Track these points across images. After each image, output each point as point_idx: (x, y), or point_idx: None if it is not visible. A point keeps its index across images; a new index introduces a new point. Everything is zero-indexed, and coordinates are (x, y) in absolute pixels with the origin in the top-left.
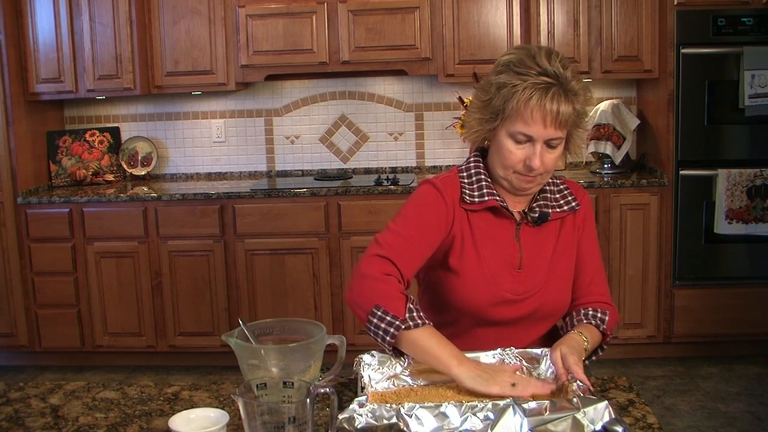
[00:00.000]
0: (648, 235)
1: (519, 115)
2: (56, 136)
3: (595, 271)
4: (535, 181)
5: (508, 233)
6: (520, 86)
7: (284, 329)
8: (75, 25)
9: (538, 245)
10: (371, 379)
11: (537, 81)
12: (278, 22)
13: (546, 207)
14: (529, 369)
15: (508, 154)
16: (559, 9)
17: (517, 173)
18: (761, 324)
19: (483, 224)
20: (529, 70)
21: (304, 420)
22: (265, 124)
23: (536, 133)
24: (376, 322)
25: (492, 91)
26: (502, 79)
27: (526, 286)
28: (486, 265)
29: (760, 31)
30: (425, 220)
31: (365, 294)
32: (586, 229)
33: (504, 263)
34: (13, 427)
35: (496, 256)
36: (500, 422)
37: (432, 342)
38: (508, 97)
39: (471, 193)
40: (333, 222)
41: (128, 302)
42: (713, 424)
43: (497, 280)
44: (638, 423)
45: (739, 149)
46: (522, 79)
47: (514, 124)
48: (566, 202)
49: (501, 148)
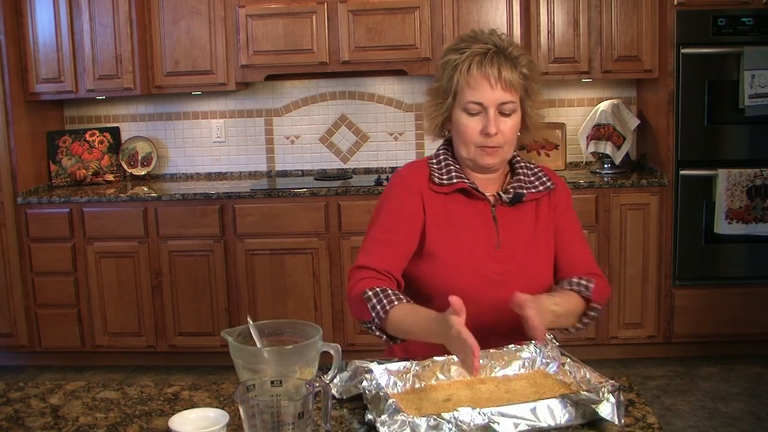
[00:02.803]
0: (648, 235)
1: (466, 86)
2: (56, 136)
3: (579, 247)
4: (496, 154)
5: (484, 214)
6: (461, 59)
7: (294, 331)
8: (75, 25)
9: (516, 225)
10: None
11: (475, 50)
12: (278, 22)
13: (520, 188)
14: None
15: (465, 129)
16: (559, 9)
17: (478, 148)
18: (761, 324)
19: (457, 207)
20: (469, 45)
21: (306, 417)
22: (265, 124)
23: (485, 98)
24: (371, 333)
25: (440, 75)
26: (446, 59)
27: (507, 265)
28: (464, 245)
29: (760, 31)
30: (398, 215)
31: (355, 314)
32: (563, 209)
33: (482, 243)
34: (13, 427)
35: (473, 236)
36: None
37: (406, 326)
38: (452, 73)
39: (440, 176)
40: (333, 222)
41: (128, 302)
42: (713, 424)
43: (476, 259)
44: (638, 423)
45: (739, 149)
46: (462, 53)
47: (463, 96)
48: (541, 183)
49: (458, 125)
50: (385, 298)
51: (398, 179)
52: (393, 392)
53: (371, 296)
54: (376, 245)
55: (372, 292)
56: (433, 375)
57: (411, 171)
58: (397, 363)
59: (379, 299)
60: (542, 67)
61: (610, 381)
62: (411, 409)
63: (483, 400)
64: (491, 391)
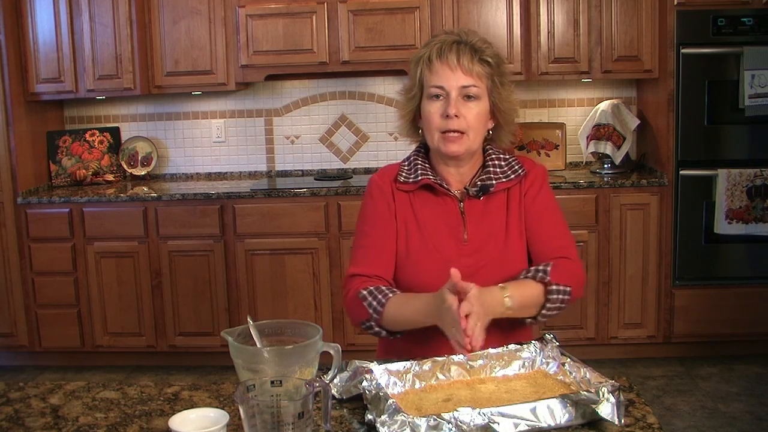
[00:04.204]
0: (648, 235)
1: (429, 73)
2: (56, 136)
3: (551, 230)
4: (460, 141)
5: (451, 209)
6: (425, 52)
7: (294, 331)
8: (75, 25)
9: (486, 218)
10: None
11: (437, 41)
12: (278, 22)
13: (489, 180)
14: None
15: (429, 115)
16: (559, 9)
17: (441, 135)
18: (761, 324)
19: (424, 204)
20: (433, 39)
21: (306, 417)
22: (265, 124)
23: (445, 81)
24: (370, 332)
25: (411, 73)
26: (414, 56)
27: (476, 258)
28: (430, 240)
29: (760, 31)
30: (373, 219)
31: (354, 318)
32: (534, 193)
33: (449, 238)
34: (13, 427)
35: (440, 231)
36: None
37: (403, 313)
38: (417, 66)
39: (407, 175)
40: (333, 222)
41: (128, 302)
42: (713, 424)
43: (443, 255)
44: (638, 423)
45: (739, 149)
46: (427, 47)
47: (428, 84)
48: (513, 171)
49: (423, 113)
50: (379, 293)
51: (370, 183)
52: (393, 392)
53: (366, 295)
54: (360, 253)
55: (366, 291)
56: (433, 375)
57: (382, 174)
58: (397, 363)
59: (374, 296)
60: (542, 67)
61: (610, 381)
62: (411, 409)
63: (483, 400)
64: (491, 391)
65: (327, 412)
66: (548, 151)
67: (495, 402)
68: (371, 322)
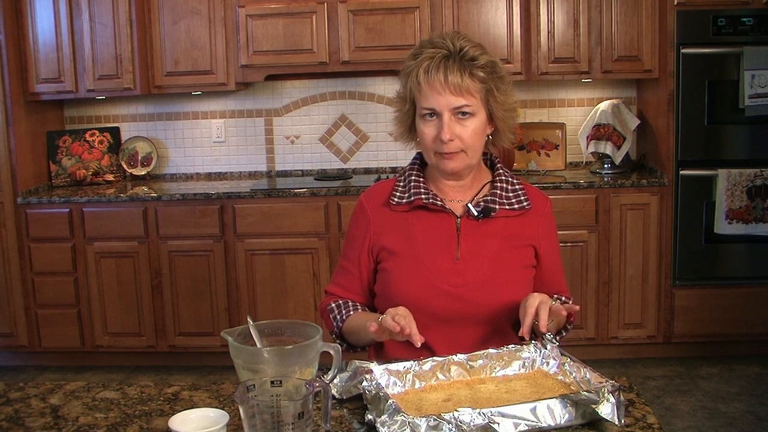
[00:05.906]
0: (648, 235)
1: (418, 93)
2: (56, 136)
3: (556, 267)
4: (457, 159)
5: (447, 227)
6: (414, 66)
7: (294, 331)
8: (75, 25)
9: (482, 239)
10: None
11: (425, 56)
12: (278, 22)
13: (493, 203)
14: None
15: (423, 136)
16: (559, 9)
17: (437, 154)
18: (761, 324)
19: (419, 221)
20: (423, 51)
21: (306, 417)
22: (265, 124)
23: (435, 104)
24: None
25: (402, 82)
26: (404, 66)
27: (466, 277)
28: (421, 258)
29: (760, 31)
30: (351, 242)
31: (328, 328)
32: (545, 233)
33: (442, 255)
34: (13, 427)
35: (433, 248)
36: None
37: (354, 328)
38: (406, 81)
39: (401, 195)
40: (333, 222)
41: (128, 302)
42: (713, 424)
43: (432, 272)
44: (638, 423)
45: (739, 149)
46: (416, 59)
47: (418, 103)
48: (518, 202)
49: (418, 132)
50: (344, 308)
51: (357, 204)
52: (393, 392)
53: (333, 308)
54: (339, 272)
55: (335, 305)
56: (433, 375)
57: (369, 195)
58: (397, 363)
59: (339, 310)
60: (542, 67)
61: (610, 381)
62: (411, 409)
63: (483, 400)
64: (491, 391)
65: (327, 412)
66: (548, 151)
67: (495, 402)
68: (333, 335)
